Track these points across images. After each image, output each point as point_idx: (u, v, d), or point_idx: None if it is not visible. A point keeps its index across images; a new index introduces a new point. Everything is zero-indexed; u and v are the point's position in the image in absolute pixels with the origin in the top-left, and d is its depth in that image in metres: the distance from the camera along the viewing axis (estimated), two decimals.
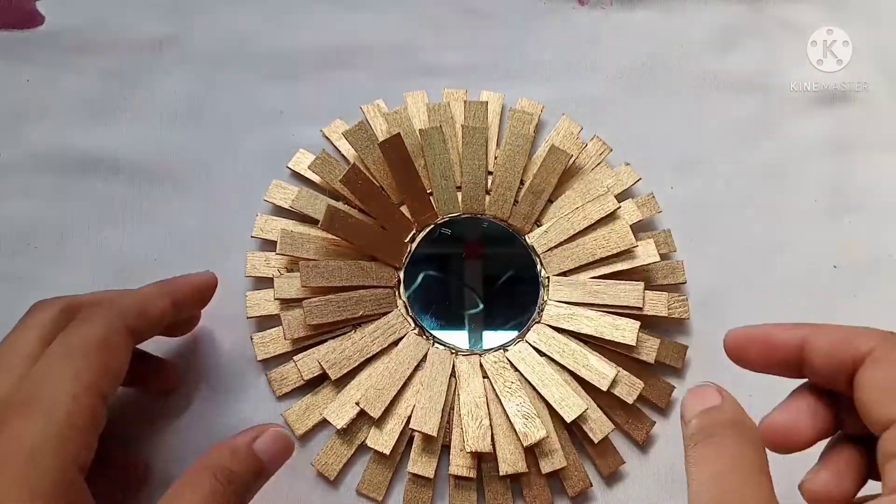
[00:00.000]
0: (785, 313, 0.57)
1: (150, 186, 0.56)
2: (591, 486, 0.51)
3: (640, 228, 0.56)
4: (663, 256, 0.56)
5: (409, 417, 0.50)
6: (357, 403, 0.49)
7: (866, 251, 0.59)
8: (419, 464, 0.49)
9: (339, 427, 0.49)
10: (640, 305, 0.53)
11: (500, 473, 0.49)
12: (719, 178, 0.60)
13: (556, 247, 0.55)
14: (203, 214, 0.55)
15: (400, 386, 0.50)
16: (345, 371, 0.50)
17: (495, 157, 0.58)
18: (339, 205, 0.54)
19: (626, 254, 0.55)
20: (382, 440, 0.49)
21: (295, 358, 0.51)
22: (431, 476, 0.49)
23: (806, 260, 0.59)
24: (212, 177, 0.56)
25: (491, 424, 0.50)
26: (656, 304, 0.54)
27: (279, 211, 0.55)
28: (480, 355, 0.53)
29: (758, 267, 0.58)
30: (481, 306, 0.55)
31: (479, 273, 0.56)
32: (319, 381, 0.51)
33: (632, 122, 0.61)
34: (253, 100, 0.59)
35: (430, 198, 0.56)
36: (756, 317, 0.56)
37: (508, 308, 0.55)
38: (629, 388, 0.52)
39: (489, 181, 0.57)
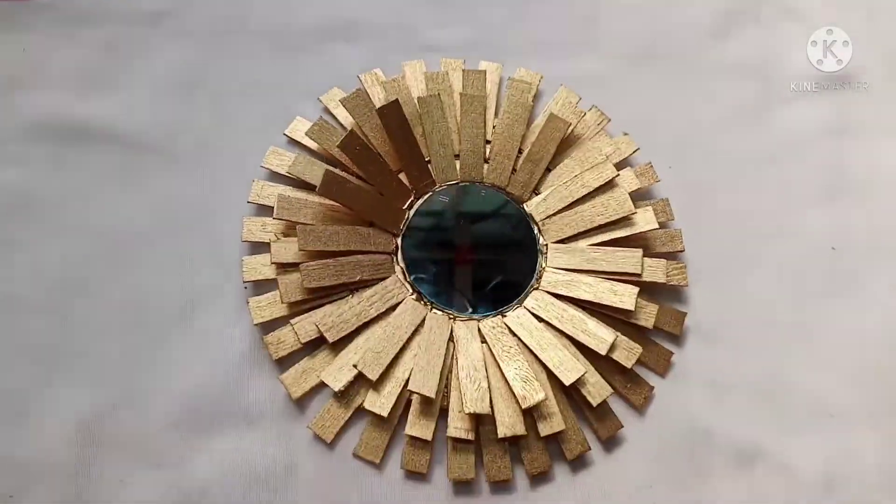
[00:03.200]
0: (782, 290, 0.57)
1: (145, 156, 0.56)
2: (590, 449, 0.51)
3: (638, 198, 0.56)
4: (662, 225, 0.56)
5: (408, 380, 0.49)
6: (355, 366, 0.49)
7: (866, 234, 0.59)
8: (417, 426, 0.49)
9: (336, 389, 0.49)
10: (639, 272, 0.53)
11: (499, 436, 0.48)
12: (718, 159, 0.60)
13: (554, 214, 0.55)
14: (199, 183, 0.55)
15: (398, 349, 0.50)
16: (342, 334, 0.50)
17: (493, 126, 0.58)
18: (337, 171, 0.54)
19: (624, 221, 0.55)
20: (380, 402, 0.49)
21: (292, 321, 0.50)
22: (429, 438, 0.49)
23: (804, 242, 0.58)
24: (208, 146, 0.56)
25: (489, 387, 0.50)
26: (655, 270, 0.54)
27: (276, 178, 0.55)
28: (479, 320, 0.53)
29: (756, 244, 0.58)
30: (480, 273, 0.54)
31: (478, 239, 0.55)
32: (317, 344, 0.51)
33: (631, 101, 0.61)
34: (250, 72, 0.59)
35: (429, 165, 0.56)
36: (754, 289, 0.57)
37: (507, 275, 0.55)
38: (628, 353, 0.52)
39: (487, 149, 0.57)
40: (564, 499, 0.51)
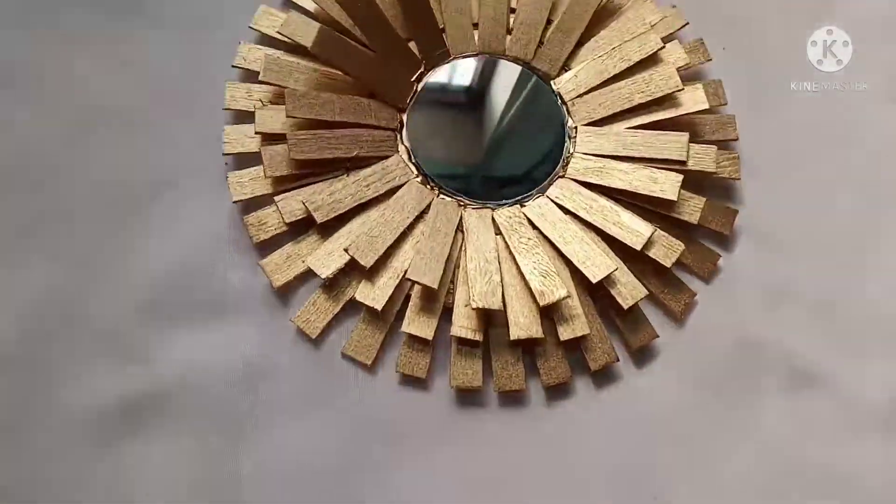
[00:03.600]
0: (850, 192, 0.49)
1: (121, 18, 0.49)
2: (618, 360, 0.43)
3: (685, 80, 0.48)
4: (713, 110, 0.48)
5: (407, 271, 0.42)
6: (346, 250, 0.42)
7: None
8: (416, 323, 0.42)
9: (323, 277, 0.42)
10: (684, 158, 0.45)
11: (511, 338, 0.41)
12: (781, 42, 0.51)
13: (586, 93, 0.47)
14: (180, 48, 0.48)
15: (397, 235, 0.43)
16: (333, 215, 0.43)
17: None
18: (341, 36, 0.47)
19: (668, 101, 0.47)
20: (374, 294, 0.42)
21: (276, 198, 0.44)
22: (430, 338, 0.42)
23: (879, 140, 0.50)
24: (191, 7, 0.49)
25: (502, 283, 0.43)
26: (703, 158, 0.46)
27: (267, 41, 0.48)
28: (493, 209, 0.45)
29: (823, 140, 0.50)
30: (496, 156, 0.47)
31: (496, 120, 0.48)
32: (304, 228, 0.44)
33: None
34: None
35: (443, 33, 0.48)
36: (817, 189, 0.49)
37: (528, 159, 0.47)
38: (667, 251, 0.44)
39: (511, 19, 0.49)
40: (586, 416, 0.44)
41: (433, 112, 0.47)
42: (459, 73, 0.48)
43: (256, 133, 0.44)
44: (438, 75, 0.48)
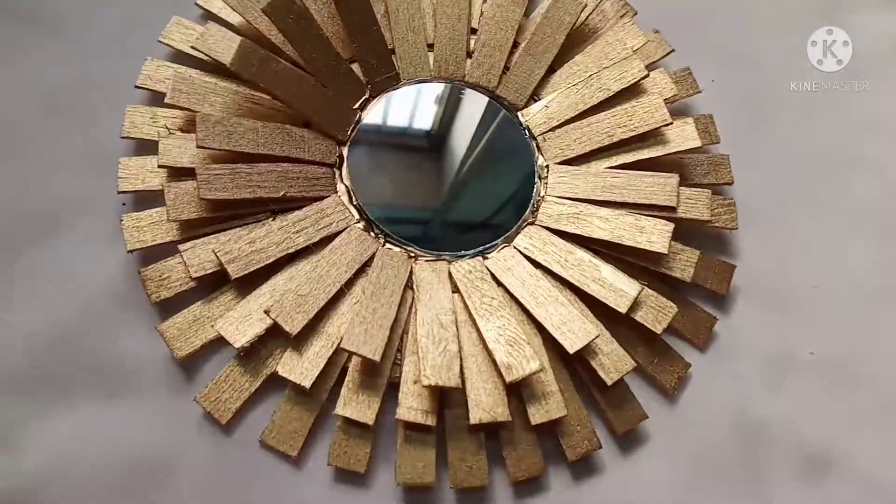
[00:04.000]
0: (862, 240, 0.43)
1: (10, 23, 0.41)
2: (600, 447, 0.36)
3: (672, 115, 0.41)
4: (704, 148, 0.42)
5: (342, 340, 0.34)
6: (267, 312, 0.34)
7: None
8: (354, 405, 0.34)
9: (238, 346, 0.34)
10: (674, 204, 0.39)
11: (471, 422, 0.33)
12: (774, 75, 0.46)
13: (559, 126, 0.41)
14: (77, 63, 0.40)
15: (332, 294, 0.35)
16: (252, 269, 0.35)
17: (481, 12, 0.43)
18: (268, 52, 0.40)
19: (654, 136, 0.40)
20: (301, 368, 0.34)
21: (181, 248, 0.35)
22: (370, 422, 0.34)
23: (883, 179, 0.44)
24: (90, 17, 0.41)
25: (460, 353, 0.35)
26: (695, 204, 0.39)
27: (180, 58, 0.40)
28: (450, 261, 0.38)
29: (823, 182, 0.44)
30: (454, 199, 0.40)
31: (454, 157, 0.41)
32: (216, 285, 0.36)
33: None
34: None
35: (392, 55, 0.41)
36: (825, 238, 0.42)
37: (492, 203, 0.40)
38: (657, 314, 0.37)
39: (472, 41, 0.42)
40: None
41: (379, 146, 0.40)
42: (411, 101, 0.41)
43: (160, 167, 0.36)
44: (386, 103, 0.40)
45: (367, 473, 0.34)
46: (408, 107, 0.41)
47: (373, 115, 0.40)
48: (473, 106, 0.41)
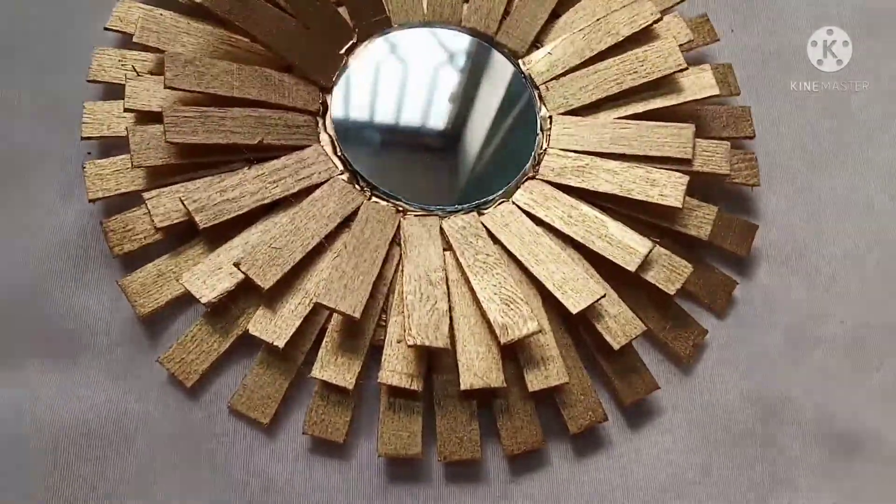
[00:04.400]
0: (887, 203, 0.39)
1: None
2: (606, 419, 0.32)
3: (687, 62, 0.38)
4: (722, 99, 0.38)
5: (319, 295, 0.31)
6: (237, 265, 0.31)
7: None
8: (332, 367, 0.31)
9: (205, 302, 0.31)
10: (689, 156, 0.35)
11: (462, 388, 0.30)
12: (797, 26, 0.42)
13: (563, 74, 0.37)
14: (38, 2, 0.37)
15: (310, 248, 0.32)
16: (223, 219, 0.32)
17: None
18: None
19: (668, 84, 0.37)
20: (275, 327, 0.31)
21: (146, 196, 0.32)
22: (350, 386, 0.30)
23: None
24: None
25: (451, 312, 0.31)
26: (713, 156, 0.36)
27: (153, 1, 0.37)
28: (442, 217, 0.34)
29: (858, 136, 0.40)
30: (448, 151, 0.37)
31: (448, 106, 0.37)
32: (184, 237, 0.33)
33: None
34: None
35: None
36: (854, 196, 0.38)
37: (489, 155, 0.37)
38: (669, 273, 0.34)
39: None
40: (564, 495, 0.32)
41: (366, 93, 0.37)
42: (402, 46, 0.38)
43: (126, 111, 0.33)
44: (375, 48, 0.37)
45: (346, 443, 0.31)
46: (399, 52, 0.38)
47: (360, 60, 0.37)
48: (468, 52, 0.38)
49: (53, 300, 0.32)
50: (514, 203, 0.35)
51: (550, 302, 0.33)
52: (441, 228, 0.34)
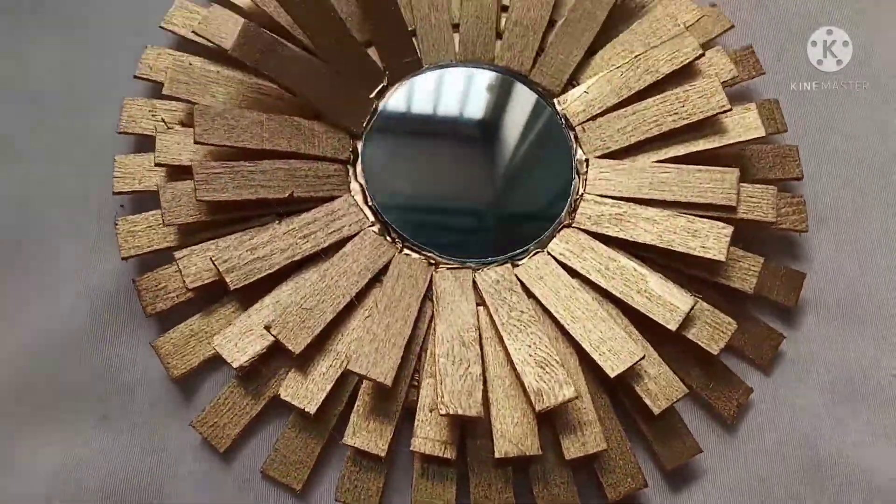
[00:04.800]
0: None
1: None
2: (646, 485, 0.31)
3: (731, 98, 0.36)
4: (768, 138, 0.36)
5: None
6: (268, 328, 0.30)
7: None
8: (364, 433, 0.30)
9: (236, 366, 0.30)
10: (734, 203, 0.34)
11: (497, 455, 0.29)
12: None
13: (600, 114, 0.36)
14: (69, 51, 0.37)
15: (341, 307, 0.31)
16: (254, 278, 0.31)
17: None
18: (267, 33, 0.36)
19: (711, 125, 0.35)
20: (306, 391, 0.31)
21: (177, 255, 0.32)
22: (383, 454, 0.30)
23: None
24: (87, 2, 0.38)
25: (485, 377, 0.31)
26: (759, 203, 0.34)
27: (182, 45, 0.36)
28: (475, 269, 0.34)
29: None
30: (481, 199, 0.36)
31: (481, 151, 0.36)
32: (215, 297, 0.33)
33: None
34: None
35: (413, 38, 0.37)
36: None
37: (524, 203, 0.36)
38: (713, 331, 0.32)
39: (502, 19, 0.38)
40: None
41: (397, 140, 0.36)
42: (433, 88, 0.37)
43: (157, 165, 0.33)
44: (405, 91, 0.36)
45: None
46: (430, 95, 0.37)
47: (391, 104, 0.36)
48: (504, 93, 0.37)
49: (85, 359, 0.32)
50: (549, 253, 0.34)
51: (588, 361, 0.32)
52: (474, 282, 0.33)
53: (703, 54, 0.35)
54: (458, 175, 0.36)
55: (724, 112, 0.34)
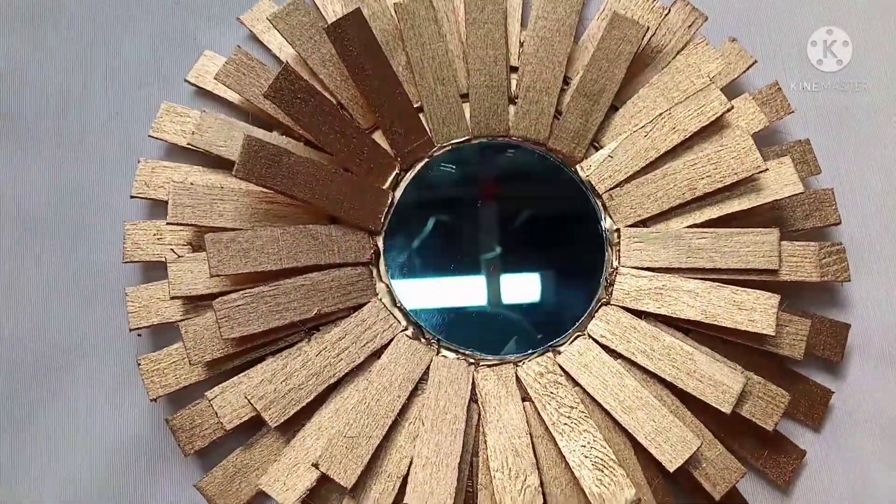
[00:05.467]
0: None
1: None
2: None
3: (759, 142, 0.34)
4: (803, 184, 0.35)
5: (406, 477, 0.30)
6: (316, 466, 0.29)
7: None
8: None
9: None
10: (776, 266, 0.32)
11: None
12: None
13: (627, 180, 0.34)
14: (56, 169, 0.35)
15: (387, 428, 0.30)
16: (293, 411, 0.30)
17: (520, 43, 0.36)
18: (274, 137, 0.34)
19: (745, 184, 0.33)
20: None
21: (209, 395, 0.31)
22: None
23: None
24: (69, 110, 0.35)
25: (541, 478, 0.30)
26: (801, 262, 0.33)
27: (176, 154, 0.34)
28: (517, 363, 0.32)
29: None
30: (512, 286, 0.34)
31: (505, 234, 0.35)
32: (253, 427, 0.31)
33: None
34: None
35: (420, 115, 0.35)
36: None
37: (557, 282, 0.34)
38: (766, 406, 0.32)
39: (513, 82, 0.35)
40: None
41: (419, 230, 0.34)
42: (449, 168, 0.35)
43: (172, 298, 0.31)
44: (421, 176, 0.34)
45: None
46: (448, 177, 0.35)
47: (408, 191, 0.34)
48: (522, 165, 0.35)
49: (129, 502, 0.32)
50: (590, 336, 0.33)
51: (642, 452, 0.31)
52: (517, 377, 0.32)
53: (731, 108, 0.33)
54: (489, 262, 0.34)
55: (760, 171, 0.33)
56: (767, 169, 0.33)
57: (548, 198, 0.35)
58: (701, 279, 0.33)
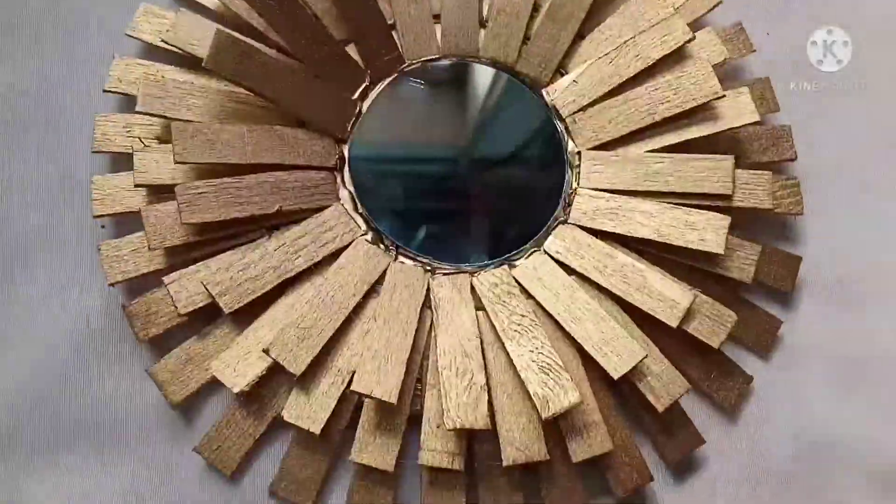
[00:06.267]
0: None
1: None
2: (652, 480, 0.32)
3: (721, 80, 0.35)
4: (760, 120, 0.36)
5: (354, 374, 0.30)
6: (266, 351, 0.30)
7: None
8: (370, 450, 0.30)
9: (237, 391, 0.30)
10: (729, 192, 0.33)
11: (505, 463, 0.30)
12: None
13: (590, 105, 0.35)
14: (35, 67, 0.35)
15: (339, 322, 0.31)
16: (248, 299, 0.31)
17: None
18: (241, 37, 0.34)
19: (703, 113, 0.34)
20: (309, 411, 0.30)
21: (167, 280, 0.31)
22: (391, 469, 0.30)
23: None
24: (47, 15, 0.36)
25: (488, 383, 0.31)
26: (754, 189, 0.34)
27: (152, 53, 0.35)
28: (472, 273, 0.33)
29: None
30: (473, 198, 0.35)
31: (470, 149, 0.36)
32: (208, 317, 0.32)
33: None
34: None
35: (393, 32, 0.36)
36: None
37: (517, 200, 0.35)
38: (713, 324, 0.33)
39: (484, 7, 0.36)
40: None
41: (385, 142, 0.35)
42: (417, 84, 0.35)
43: (137, 186, 0.32)
44: (389, 89, 0.35)
45: None
46: (414, 93, 0.35)
47: (376, 103, 0.35)
48: (488, 85, 0.36)
49: (80, 390, 0.32)
50: (545, 252, 0.34)
51: (591, 360, 0.32)
52: (472, 286, 0.33)
53: (693, 37, 0.34)
54: (449, 176, 0.35)
55: (717, 99, 0.34)
56: (725, 95, 0.34)
57: (513, 119, 0.36)
58: (656, 202, 0.33)
